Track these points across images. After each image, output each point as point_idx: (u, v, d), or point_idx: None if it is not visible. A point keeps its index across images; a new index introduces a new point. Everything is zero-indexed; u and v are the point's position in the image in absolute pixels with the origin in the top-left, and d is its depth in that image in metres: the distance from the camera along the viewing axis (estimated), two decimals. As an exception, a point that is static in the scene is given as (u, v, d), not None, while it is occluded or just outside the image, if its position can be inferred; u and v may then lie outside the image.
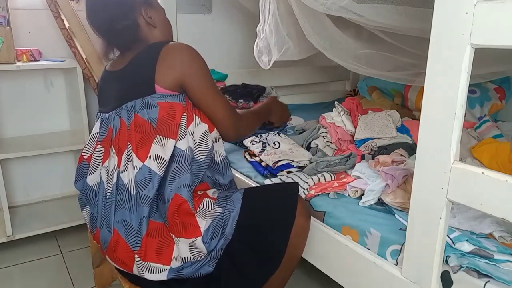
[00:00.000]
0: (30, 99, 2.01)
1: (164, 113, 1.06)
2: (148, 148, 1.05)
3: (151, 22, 1.19)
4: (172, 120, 1.06)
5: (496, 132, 1.61)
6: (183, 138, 1.07)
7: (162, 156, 1.05)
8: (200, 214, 1.05)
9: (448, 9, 0.72)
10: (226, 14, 2.39)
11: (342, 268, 1.12)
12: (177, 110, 1.07)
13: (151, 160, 1.05)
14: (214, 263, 1.05)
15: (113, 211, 1.07)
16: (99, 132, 1.16)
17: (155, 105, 1.06)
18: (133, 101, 1.08)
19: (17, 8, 1.87)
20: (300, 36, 1.51)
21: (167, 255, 1.03)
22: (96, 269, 1.41)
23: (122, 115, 1.10)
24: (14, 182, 2.07)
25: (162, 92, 1.07)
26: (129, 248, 1.03)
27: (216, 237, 1.03)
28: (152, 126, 1.06)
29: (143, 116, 1.06)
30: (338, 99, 2.04)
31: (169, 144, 1.05)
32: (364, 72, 1.59)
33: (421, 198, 0.84)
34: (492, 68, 1.61)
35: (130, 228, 1.04)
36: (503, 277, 0.83)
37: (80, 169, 1.20)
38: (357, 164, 1.32)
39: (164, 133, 1.06)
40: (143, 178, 1.05)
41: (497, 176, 0.70)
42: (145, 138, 1.06)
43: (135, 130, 1.07)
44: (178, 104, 1.08)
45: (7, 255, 1.83)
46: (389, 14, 1.31)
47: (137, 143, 1.07)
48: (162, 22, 1.23)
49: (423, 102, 0.80)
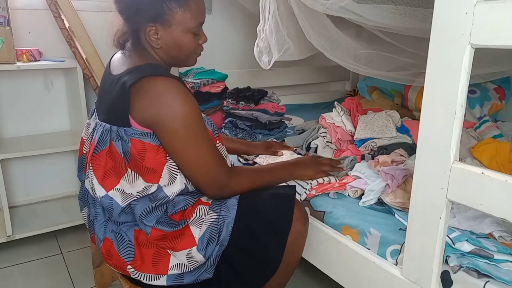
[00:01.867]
0: (30, 99, 2.01)
1: (134, 151, 0.97)
2: (116, 181, 0.99)
3: (152, 42, 1.03)
4: (141, 162, 0.97)
5: (496, 132, 1.61)
6: (174, 182, 1.00)
7: (129, 192, 0.99)
8: (194, 222, 1.02)
9: (448, 9, 0.72)
10: (226, 14, 2.39)
11: (342, 268, 1.12)
12: (148, 152, 0.97)
13: (116, 192, 0.99)
14: (212, 270, 1.03)
15: (103, 221, 1.05)
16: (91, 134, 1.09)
17: (128, 141, 0.97)
18: (110, 126, 0.99)
19: (17, 8, 1.87)
20: (300, 36, 1.52)
21: (164, 265, 1.01)
22: (96, 269, 1.40)
23: (96, 132, 1.03)
24: (14, 182, 2.07)
25: (136, 128, 0.96)
26: (122, 259, 1.01)
27: (213, 243, 1.01)
28: (124, 161, 0.98)
29: (117, 148, 0.98)
30: (338, 99, 2.04)
31: (139, 182, 0.98)
32: (364, 72, 1.59)
33: (421, 198, 0.84)
34: (492, 68, 1.61)
35: (121, 239, 1.02)
36: (503, 277, 0.83)
37: (80, 161, 1.16)
38: (356, 164, 1.32)
39: (136, 170, 0.98)
40: (100, 212, 1.03)
41: (497, 176, 0.70)
42: (117, 169, 0.99)
43: (107, 156, 1.00)
44: (151, 145, 0.97)
45: (7, 255, 1.83)
46: (389, 14, 1.31)
47: (106, 172, 1.00)
48: (173, 44, 1.04)
49: (423, 102, 0.80)
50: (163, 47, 1.04)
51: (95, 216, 1.06)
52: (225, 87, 2.03)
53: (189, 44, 1.06)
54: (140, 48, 1.06)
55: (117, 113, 0.98)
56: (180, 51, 1.06)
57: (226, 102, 1.87)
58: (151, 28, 1.01)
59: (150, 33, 1.01)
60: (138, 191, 0.99)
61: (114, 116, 0.99)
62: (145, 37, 1.03)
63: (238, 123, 1.78)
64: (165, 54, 1.06)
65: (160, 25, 1.01)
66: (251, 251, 1.04)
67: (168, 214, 1.01)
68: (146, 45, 1.05)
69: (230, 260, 1.03)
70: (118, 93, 0.97)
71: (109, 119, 1.00)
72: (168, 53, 1.05)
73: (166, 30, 1.02)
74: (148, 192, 0.99)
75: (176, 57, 1.07)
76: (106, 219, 1.04)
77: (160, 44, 1.03)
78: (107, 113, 1.02)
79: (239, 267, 1.04)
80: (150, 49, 1.05)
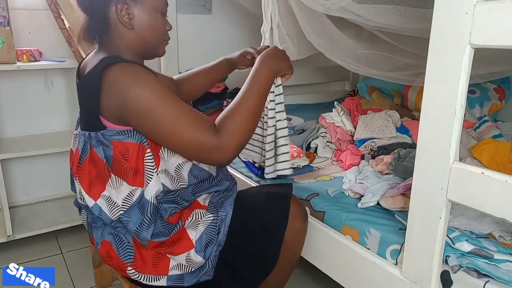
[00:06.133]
0: (30, 99, 2.01)
1: (117, 153, 0.93)
2: (102, 188, 0.96)
3: (125, 22, 0.96)
4: (125, 163, 0.93)
5: (495, 132, 1.61)
6: (150, 183, 0.95)
7: (115, 201, 0.96)
8: (190, 225, 1.01)
9: (448, 9, 0.72)
10: (226, 14, 2.39)
11: (342, 268, 1.12)
12: (131, 151, 0.93)
13: (103, 200, 0.97)
14: (212, 272, 1.03)
15: (100, 224, 1.03)
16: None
17: (108, 144, 0.93)
18: (88, 133, 0.95)
19: (17, 8, 1.87)
20: (300, 37, 1.52)
21: (164, 266, 1.01)
22: (96, 269, 1.40)
23: (79, 142, 0.98)
24: (14, 182, 2.07)
25: (112, 128, 0.92)
26: (121, 261, 1.01)
27: (212, 244, 1.01)
28: (107, 166, 0.95)
29: (99, 154, 0.94)
30: (338, 99, 2.04)
31: (123, 187, 0.95)
32: (364, 72, 1.59)
33: (421, 198, 0.84)
34: (492, 68, 1.61)
35: (120, 241, 1.01)
36: (503, 277, 0.83)
37: (71, 174, 1.10)
38: (363, 169, 1.31)
39: (119, 175, 0.95)
40: (95, 217, 1.01)
41: (497, 176, 0.71)
42: (100, 176, 0.96)
43: (89, 164, 0.96)
44: (133, 144, 0.93)
45: (7, 255, 1.83)
46: (389, 14, 1.31)
47: (91, 181, 0.97)
48: (145, 24, 0.99)
49: (423, 102, 0.80)
50: (135, 28, 0.98)
51: (92, 220, 1.05)
52: (225, 87, 2.03)
53: (160, 25, 1.02)
54: (109, 43, 0.99)
55: (89, 118, 0.95)
56: (153, 31, 1.01)
57: (226, 102, 1.87)
58: (122, 6, 0.95)
59: (122, 12, 0.96)
60: (124, 199, 0.95)
61: (88, 122, 0.96)
62: (117, 18, 0.96)
63: (238, 123, 1.77)
64: (138, 37, 0.99)
65: (131, 2, 0.96)
66: (247, 251, 1.03)
67: (164, 218, 1.00)
68: (115, 32, 0.98)
69: (227, 260, 1.03)
70: (86, 97, 0.94)
71: (86, 126, 0.97)
72: (141, 35, 0.99)
73: (137, 7, 0.97)
74: (133, 200, 0.95)
75: (149, 40, 1.01)
76: (104, 223, 1.03)
77: (133, 24, 0.97)
78: (83, 121, 0.99)
79: (235, 267, 1.04)
80: (120, 38, 0.98)
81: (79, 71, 1.04)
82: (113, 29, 0.98)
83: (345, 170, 1.40)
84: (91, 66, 0.94)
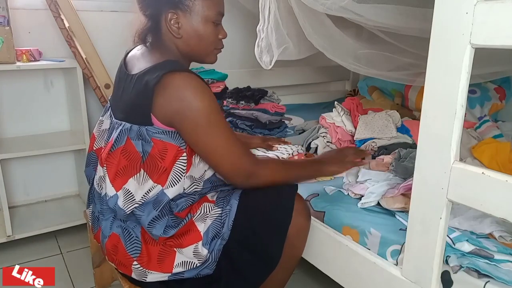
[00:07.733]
0: (30, 99, 2.01)
1: (155, 151, 0.98)
2: (125, 180, 0.99)
3: (173, 31, 1.04)
4: (161, 162, 0.98)
5: (496, 132, 1.61)
6: (175, 185, 1.00)
7: (134, 195, 0.99)
8: (198, 218, 1.04)
9: (448, 9, 0.72)
10: (226, 14, 2.37)
11: (342, 268, 1.12)
12: (169, 152, 0.98)
13: (122, 192, 1.00)
14: (213, 266, 1.04)
15: (110, 217, 1.06)
16: (108, 132, 1.09)
17: (149, 141, 0.98)
18: (130, 125, 1.00)
19: (17, 8, 1.87)
20: (300, 36, 1.51)
21: (169, 263, 1.02)
22: (96, 269, 1.41)
23: (115, 131, 1.03)
24: (14, 182, 2.07)
25: (158, 126, 0.97)
26: (128, 255, 1.02)
27: (216, 238, 1.03)
28: (141, 159, 0.98)
29: (137, 147, 0.98)
30: (338, 99, 2.04)
31: (147, 184, 0.99)
32: (364, 72, 1.59)
33: (421, 198, 0.84)
34: (492, 68, 1.61)
35: (128, 234, 1.03)
36: (503, 277, 0.83)
37: (89, 157, 1.15)
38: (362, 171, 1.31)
39: (149, 171, 0.99)
40: (106, 209, 1.04)
41: (497, 176, 0.70)
42: (129, 168, 0.99)
43: (121, 154, 0.99)
44: (173, 145, 0.98)
45: (7, 255, 1.83)
46: (389, 14, 1.31)
47: (118, 171, 1.00)
48: (193, 33, 1.05)
49: (423, 102, 0.80)
50: (183, 36, 1.05)
51: (101, 212, 1.07)
52: (225, 87, 2.03)
53: (209, 34, 1.07)
54: (160, 44, 1.07)
55: (138, 112, 0.99)
56: (200, 41, 1.07)
57: (226, 102, 1.87)
58: (172, 16, 1.02)
59: (171, 22, 1.03)
60: (143, 195, 0.99)
61: (134, 115, 1.00)
62: (167, 27, 1.04)
63: (238, 123, 1.78)
64: (185, 45, 1.06)
65: (181, 12, 1.02)
66: (250, 246, 1.04)
67: (174, 213, 1.02)
68: (167, 38, 1.06)
69: (230, 256, 1.04)
70: (140, 92, 0.97)
71: (128, 118, 1.01)
72: (188, 43, 1.06)
73: (186, 17, 1.03)
74: (150, 196, 0.99)
75: (196, 48, 1.08)
76: (113, 216, 1.05)
77: (181, 33, 1.04)
78: (126, 112, 1.02)
79: (238, 263, 1.04)
80: (170, 43, 1.06)
81: (126, 63, 1.10)
82: (164, 35, 1.06)
83: (345, 170, 1.40)
84: (146, 63, 1.01)
